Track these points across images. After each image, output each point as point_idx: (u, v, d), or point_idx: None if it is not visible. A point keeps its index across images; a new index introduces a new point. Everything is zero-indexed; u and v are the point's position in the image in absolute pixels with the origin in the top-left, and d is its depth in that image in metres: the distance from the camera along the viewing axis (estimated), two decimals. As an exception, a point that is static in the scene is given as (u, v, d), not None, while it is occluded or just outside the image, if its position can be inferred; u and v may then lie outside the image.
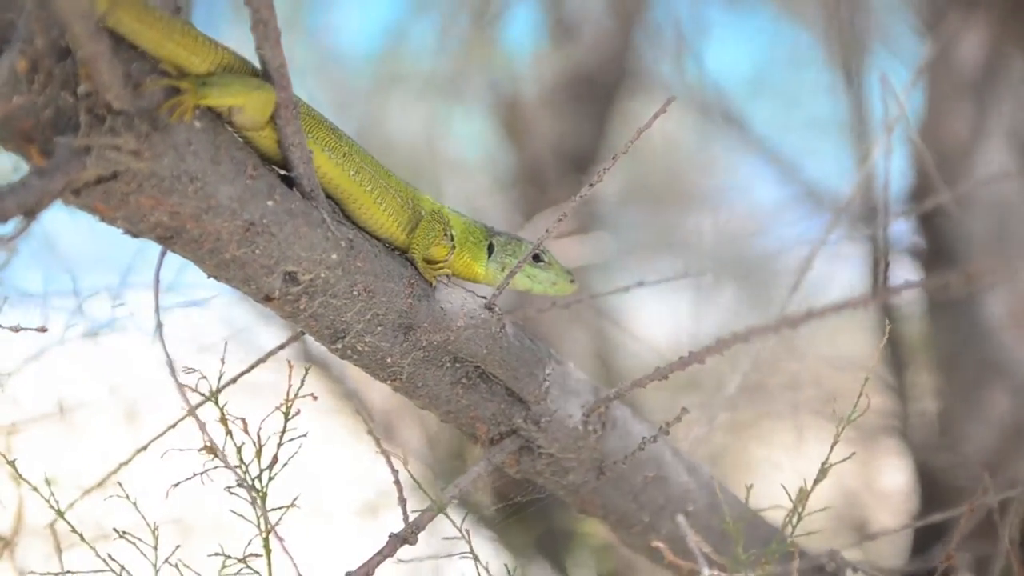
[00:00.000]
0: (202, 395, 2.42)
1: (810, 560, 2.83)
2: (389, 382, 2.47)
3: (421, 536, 2.58)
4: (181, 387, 2.41)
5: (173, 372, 2.40)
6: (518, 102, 5.67)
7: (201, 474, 2.43)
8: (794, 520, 2.57)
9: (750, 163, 5.38)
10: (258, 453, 2.47)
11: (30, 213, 2.11)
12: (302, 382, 2.51)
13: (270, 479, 2.50)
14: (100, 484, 2.60)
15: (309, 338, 2.59)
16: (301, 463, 2.63)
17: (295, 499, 2.50)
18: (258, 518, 2.48)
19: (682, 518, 2.70)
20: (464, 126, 6.22)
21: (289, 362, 2.53)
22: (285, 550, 2.37)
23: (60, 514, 2.61)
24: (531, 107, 5.63)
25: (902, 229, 4.49)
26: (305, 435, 2.50)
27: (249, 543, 2.50)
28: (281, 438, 2.49)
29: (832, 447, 2.53)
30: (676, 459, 2.77)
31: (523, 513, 4.96)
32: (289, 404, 2.50)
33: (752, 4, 6.17)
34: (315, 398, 2.53)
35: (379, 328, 2.39)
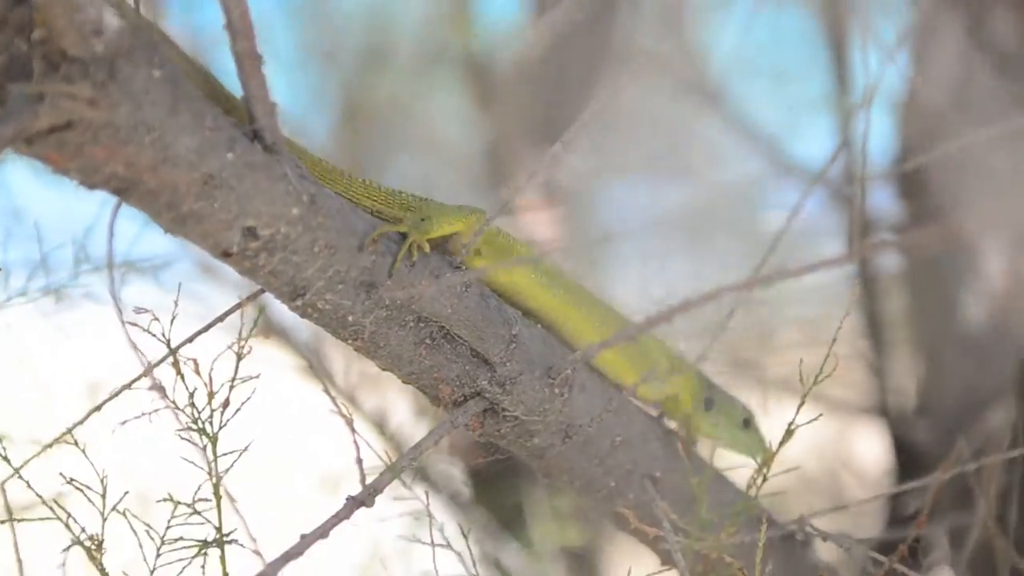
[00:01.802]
0: (153, 335, 2.38)
1: (779, 528, 2.79)
2: (350, 341, 2.42)
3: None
4: (124, 323, 2.34)
5: (117, 306, 2.33)
6: (493, 73, 5.58)
7: (149, 414, 2.38)
8: (759, 481, 2.53)
9: (735, 137, 5.31)
10: (210, 395, 2.42)
11: (-20, 161, 2.07)
12: (256, 322, 2.48)
13: (222, 425, 2.45)
14: (54, 443, 2.54)
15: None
16: (265, 431, 2.58)
17: (248, 445, 2.45)
18: (209, 464, 2.44)
19: (649, 483, 2.67)
20: (440, 97, 6.15)
21: (240, 297, 2.49)
22: (231, 496, 2.33)
23: (16, 471, 2.56)
24: (507, 78, 5.54)
25: (883, 199, 4.45)
26: (258, 376, 2.46)
27: (199, 488, 2.46)
28: (233, 380, 2.44)
29: (798, 409, 2.48)
30: (648, 425, 2.72)
31: (492, 490, 4.92)
32: (242, 344, 2.46)
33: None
34: (267, 336, 2.49)
35: (340, 286, 2.34)
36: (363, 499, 2.37)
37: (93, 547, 2.50)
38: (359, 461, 2.36)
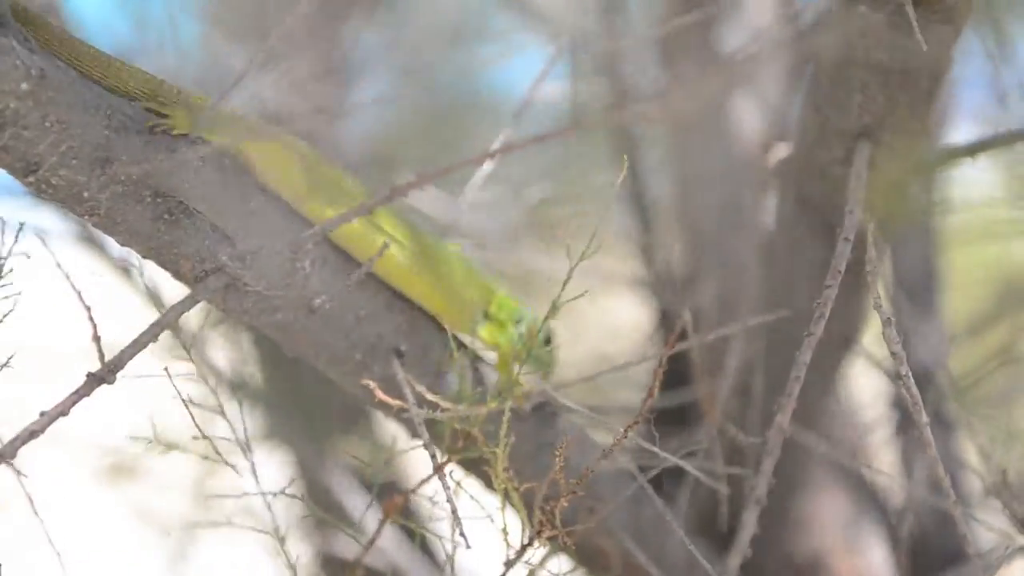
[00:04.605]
0: None
1: (525, 400, 2.85)
2: (87, 218, 2.40)
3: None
4: None
5: None
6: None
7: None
8: (521, 357, 2.56)
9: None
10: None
11: None
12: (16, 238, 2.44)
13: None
14: None
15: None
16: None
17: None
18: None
19: (395, 357, 2.71)
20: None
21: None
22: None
23: None
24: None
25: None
26: (19, 293, 2.41)
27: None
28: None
29: (564, 285, 2.48)
30: (393, 299, 2.74)
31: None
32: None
33: None
34: (28, 257, 2.45)
35: (74, 161, 2.32)
36: (103, 376, 2.36)
37: None
38: (96, 338, 2.34)
